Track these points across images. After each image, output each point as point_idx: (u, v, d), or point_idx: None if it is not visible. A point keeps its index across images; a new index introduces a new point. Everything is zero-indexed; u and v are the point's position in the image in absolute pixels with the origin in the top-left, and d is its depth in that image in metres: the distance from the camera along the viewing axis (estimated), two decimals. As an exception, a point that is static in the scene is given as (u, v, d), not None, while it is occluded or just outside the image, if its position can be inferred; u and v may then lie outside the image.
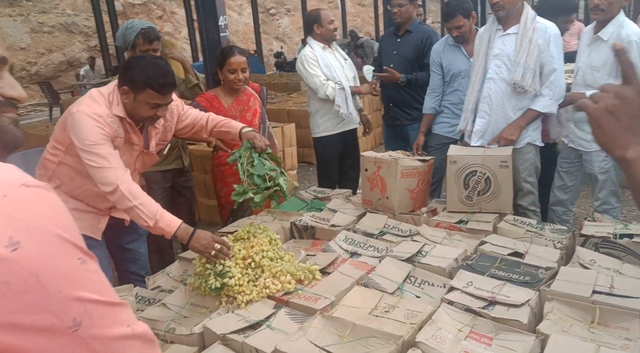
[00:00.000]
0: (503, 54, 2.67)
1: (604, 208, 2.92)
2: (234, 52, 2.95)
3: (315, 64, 3.53)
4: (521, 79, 2.59)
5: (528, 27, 2.61)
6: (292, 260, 1.96)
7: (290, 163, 5.15)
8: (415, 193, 2.57)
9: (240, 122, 2.96)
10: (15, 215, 0.57)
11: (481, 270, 1.91)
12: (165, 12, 21.68)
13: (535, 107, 2.64)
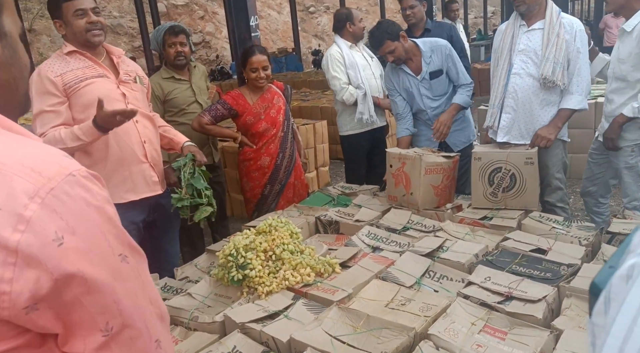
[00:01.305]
0: (529, 50, 2.64)
1: (634, 204, 2.85)
2: (254, 52, 3.03)
3: (339, 65, 3.57)
4: (552, 74, 2.55)
5: (554, 23, 2.58)
6: (313, 253, 2.01)
7: (322, 160, 5.20)
8: (439, 189, 2.57)
9: (265, 119, 3.06)
10: (61, 210, 0.59)
11: (501, 265, 1.91)
12: (207, 12, 22.11)
13: (569, 106, 2.59)
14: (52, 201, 0.59)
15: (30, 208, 0.57)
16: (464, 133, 3.23)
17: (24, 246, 0.56)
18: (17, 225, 0.57)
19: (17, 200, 0.57)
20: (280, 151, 3.16)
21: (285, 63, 14.22)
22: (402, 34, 3.01)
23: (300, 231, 2.08)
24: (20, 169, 0.59)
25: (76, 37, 2.22)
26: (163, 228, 2.56)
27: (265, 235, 1.98)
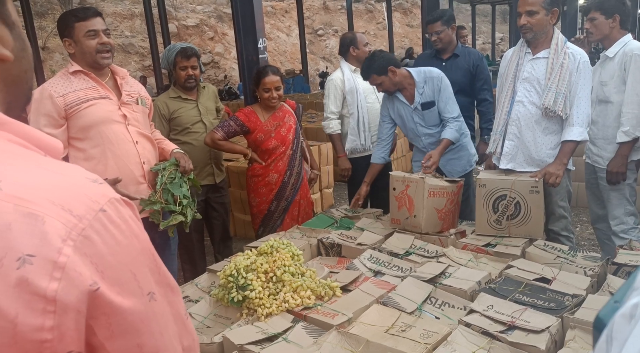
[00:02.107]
0: (532, 78, 2.65)
1: (622, 227, 2.96)
2: (267, 73, 3.09)
3: (336, 92, 3.59)
4: (553, 103, 2.56)
5: (559, 52, 2.59)
6: (314, 276, 1.99)
7: (327, 181, 5.20)
8: (443, 212, 2.56)
9: (275, 136, 3.10)
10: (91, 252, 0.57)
11: (504, 294, 1.88)
12: (216, 33, 22.45)
13: (571, 138, 2.59)
14: (83, 244, 0.56)
15: (65, 253, 0.55)
16: (459, 162, 3.21)
17: (62, 295, 0.54)
18: (52, 272, 0.54)
19: (51, 245, 0.54)
20: (288, 168, 3.20)
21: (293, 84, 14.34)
22: (390, 69, 3.02)
23: (301, 253, 2.07)
24: (51, 208, 0.56)
25: (85, 57, 2.25)
26: (160, 246, 2.55)
27: (266, 256, 1.97)
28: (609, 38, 3.00)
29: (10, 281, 0.53)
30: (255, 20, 3.50)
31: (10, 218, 0.54)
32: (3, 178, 0.56)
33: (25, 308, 0.53)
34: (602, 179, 3.03)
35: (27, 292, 0.53)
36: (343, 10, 26.08)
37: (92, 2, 19.45)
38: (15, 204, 0.55)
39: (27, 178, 0.58)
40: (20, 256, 0.53)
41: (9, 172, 0.57)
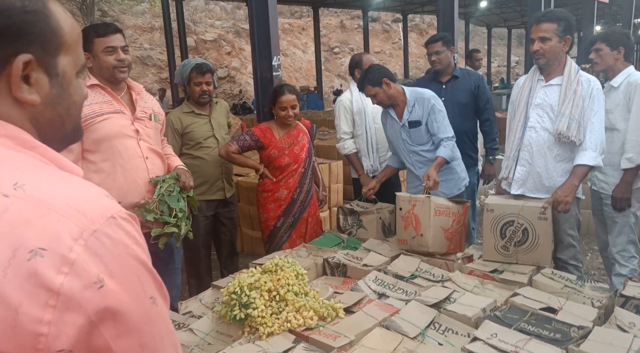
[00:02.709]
0: (545, 104, 2.66)
1: (622, 254, 3.00)
2: (284, 91, 3.14)
3: (345, 112, 3.62)
4: (566, 129, 2.56)
5: (572, 79, 2.60)
6: (317, 296, 1.99)
7: (336, 200, 5.20)
8: (450, 232, 2.55)
9: (289, 154, 3.14)
10: (101, 252, 0.61)
11: (509, 322, 1.86)
12: (234, 48, 22.76)
13: (584, 162, 2.57)
14: (95, 244, 0.60)
15: (75, 251, 0.59)
16: (447, 184, 3.22)
17: (66, 289, 0.58)
18: (61, 266, 0.58)
19: (63, 242, 0.59)
20: (299, 186, 3.23)
21: (307, 101, 14.45)
22: (385, 81, 3.08)
23: (306, 272, 2.07)
24: (67, 210, 0.61)
25: (102, 72, 2.30)
26: (165, 259, 2.56)
27: (270, 274, 1.97)
28: (613, 69, 3.10)
29: (20, 271, 0.57)
30: (270, 38, 3.56)
31: (29, 215, 0.59)
32: (27, 182, 0.62)
33: (30, 299, 0.56)
34: (607, 206, 3.08)
35: (34, 283, 0.57)
36: (359, 29, 26.35)
37: (113, 15, 19.88)
38: (35, 204, 0.60)
39: (49, 184, 0.64)
40: (32, 249, 0.57)
41: (33, 178, 0.63)
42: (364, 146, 3.61)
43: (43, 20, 0.71)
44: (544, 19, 2.61)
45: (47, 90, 0.72)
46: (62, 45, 0.73)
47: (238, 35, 23.52)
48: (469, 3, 18.88)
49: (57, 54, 0.73)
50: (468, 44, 21.44)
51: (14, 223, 0.58)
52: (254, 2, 3.55)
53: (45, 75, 0.72)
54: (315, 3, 16.49)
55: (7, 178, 0.62)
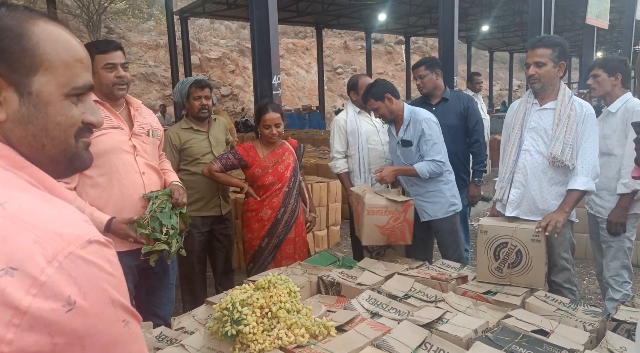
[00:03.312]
0: (539, 128, 2.69)
1: (616, 279, 3.03)
2: (268, 110, 3.14)
3: (341, 132, 3.68)
4: (560, 154, 2.60)
5: (566, 104, 2.64)
6: (310, 314, 1.99)
7: (334, 219, 5.22)
8: (386, 229, 2.82)
9: (272, 173, 3.14)
10: (75, 274, 0.60)
11: (500, 344, 1.86)
12: (237, 66, 22.99)
13: (577, 187, 2.60)
14: (69, 266, 0.60)
15: (46, 273, 0.59)
16: (433, 206, 3.25)
17: (34, 310, 0.57)
18: (30, 287, 0.58)
19: (35, 262, 0.59)
20: (282, 205, 3.20)
21: (308, 120, 14.57)
22: (387, 96, 3.18)
23: (299, 290, 2.07)
24: (44, 231, 0.61)
25: (102, 88, 2.33)
26: (159, 275, 2.57)
27: (263, 291, 1.98)
28: (611, 95, 3.16)
29: None
30: (271, 58, 3.61)
31: (5, 233, 0.59)
32: (9, 200, 0.63)
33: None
34: (603, 230, 3.11)
35: (1, 301, 0.56)
36: (363, 50, 26.63)
37: (119, 32, 20.15)
38: (13, 222, 0.60)
39: (30, 204, 0.64)
40: (4, 268, 0.57)
41: (15, 197, 0.64)
42: (356, 167, 3.66)
43: (13, 39, 0.71)
44: (539, 44, 2.65)
45: (15, 108, 0.72)
46: (39, 65, 0.73)
47: (242, 54, 23.78)
48: (471, 27, 19.12)
49: (30, 73, 0.72)
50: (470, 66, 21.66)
51: None
52: (256, 22, 3.61)
53: (15, 93, 0.72)
54: (319, 24, 16.71)
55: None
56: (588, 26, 9.85)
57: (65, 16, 16.88)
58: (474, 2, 15.49)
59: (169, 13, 12.84)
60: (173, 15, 12.99)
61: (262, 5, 3.53)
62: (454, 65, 5.32)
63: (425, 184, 3.25)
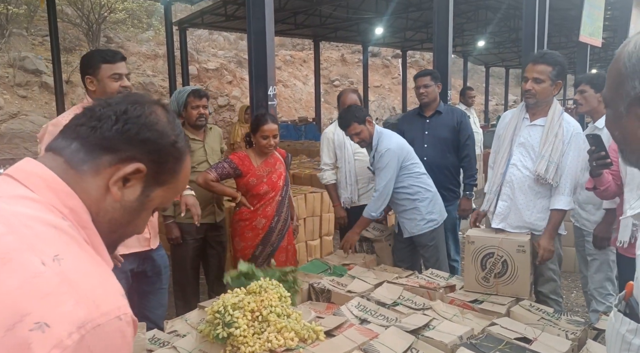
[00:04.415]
0: (528, 144, 2.74)
1: (600, 291, 3.09)
2: (267, 120, 3.17)
3: (330, 144, 3.78)
4: (544, 171, 2.64)
5: (555, 122, 2.68)
6: (299, 318, 2.04)
7: (327, 229, 5.26)
8: None
9: (267, 182, 3.19)
10: (93, 348, 0.63)
11: (484, 350, 1.91)
12: (235, 77, 23.09)
13: (559, 207, 2.69)
14: (91, 338, 0.63)
15: (72, 338, 0.61)
16: (410, 223, 3.30)
17: None
18: (53, 348, 0.60)
19: (66, 325, 0.62)
20: (276, 214, 3.25)
21: (305, 132, 14.65)
22: (368, 119, 3.21)
23: (289, 295, 2.12)
24: (85, 297, 0.65)
25: (105, 96, 2.39)
26: (151, 279, 2.61)
27: (254, 296, 2.02)
28: (597, 111, 3.20)
29: (16, 338, 0.59)
30: (267, 69, 3.68)
31: (51, 290, 0.63)
32: (65, 257, 0.68)
33: None
34: (588, 243, 3.18)
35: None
36: (359, 63, 26.81)
37: (118, 41, 20.24)
38: (61, 280, 0.65)
39: (82, 266, 0.69)
40: (39, 322, 0.61)
41: (71, 254, 0.69)
42: (342, 179, 3.75)
43: (176, 160, 0.88)
44: (541, 61, 2.65)
45: (131, 198, 0.84)
46: (169, 183, 0.88)
47: (240, 65, 23.90)
48: (468, 42, 19.33)
49: (160, 184, 0.87)
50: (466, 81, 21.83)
51: (36, 290, 0.62)
52: (253, 34, 3.69)
53: (140, 189, 0.84)
54: (317, 37, 16.87)
55: (53, 248, 0.68)
56: (582, 44, 9.98)
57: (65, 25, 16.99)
58: (470, 18, 15.68)
59: (168, 24, 12.95)
60: (172, 26, 13.10)
61: (260, 17, 3.60)
62: (448, 79, 5.40)
63: (401, 202, 3.29)
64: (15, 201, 0.72)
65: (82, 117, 0.84)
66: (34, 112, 14.52)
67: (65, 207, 0.76)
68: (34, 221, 0.70)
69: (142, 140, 0.82)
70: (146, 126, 0.83)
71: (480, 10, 15.38)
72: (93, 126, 0.82)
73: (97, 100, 0.88)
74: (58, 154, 0.81)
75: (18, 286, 0.62)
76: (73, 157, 0.80)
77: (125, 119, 0.82)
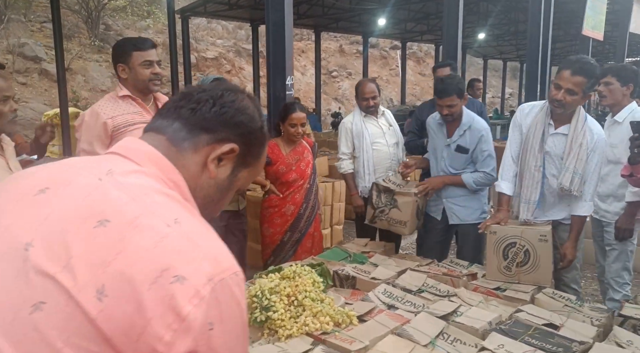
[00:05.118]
0: (553, 153, 2.69)
1: (617, 280, 3.13)
2: (295, 109, 3.25)
3: (348, 134, 3.78)
4: (569, 184, 2.61)
5: (579, 131, 2.61)
6: (332, 303, 2.08)
7: (338, 218, 5.31)
8: None
9: (296, 170, 3.25)
10: (221, 299, 0.68)
11: (514, 335, 1.96)
12: (234, 67, 23.02)
13: (582, 213, 2.69)
14: (218, 290, 0.68)
15: (206, 289, 0.67)
16: (464, 211, 3.26)
17: (191, 319, 0.65)
18: (192, 297, 0.66)
19: (200, 278, 0.67)
20: (305, 201, 3.32)
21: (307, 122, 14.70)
22: (465, 96, 3.17)
23: (322, 280, 2.16)
24: (207, 253, 0.71)
25: (137, 83, 2.42)
26: None
27: (289, 281, 2.06)
28: (620, 104, 3.16)
29: (162, 291, 0.65)
30: (285, 60, 3.70)
31: (181, 247, 0.69)
32: (183, 220, 0.73)
33: (159, 317, 0.64)
34: (607, 233, 3.20)
35: (168, 305, 0.65)
36: (358, 54, 26.77)
37: (117, 29, 20.10)
38: (187, 239, 0.70)
39: (197, 227, 0.75)
40: (177, 275, 0.66)
41: (188, 219, 0.74)
42: (360, 168, 3.76)
43: (260, 144, 0.95)
44: (580, 72, 2.47)
45: (222, 177, 0.90)
46: (252, 165, 0.94)
47: (238, 54, 23.82)
48: (467, 34, 19.32)
49: (246, 166, 0.93)
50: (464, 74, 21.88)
51: (169, 248, 0.68)
52: (271, 24, 3.70)
53: (230, 169, 0.90)
54: (318, 27, 16.82)
55: (171, 213, 0.73)
56: (584, 37, 10.02)
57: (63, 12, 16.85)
58: (470, 10, 15.67)
59: (170, 12, 12.87)
60: (174, 14, 13.02)
61: (279, 9, 3.62)
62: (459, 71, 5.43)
63: (461, 187, 3.22)
64: (129, 174, 0.78)
65: (180, 100, 0.89)
66: (34, 99, 14.43)
67: (169, 180, 0.81)
68: (149, 190, 0.76)
69: (236, 123, 0.88)
70: (239, 110, 0.89)
71: (482, 2, 15.39)
72: (192, 108, 0.87)
73: (191, 86, 0.94)
74: (160, 133, 0.87)
75: (153, 245, 0.67)
76: (175, 135, 0.86)
77: (221, 103, 0.88)
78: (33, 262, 0.65)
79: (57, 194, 0.73)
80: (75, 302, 0.63)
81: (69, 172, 0.77)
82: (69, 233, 0.67)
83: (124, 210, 0.70)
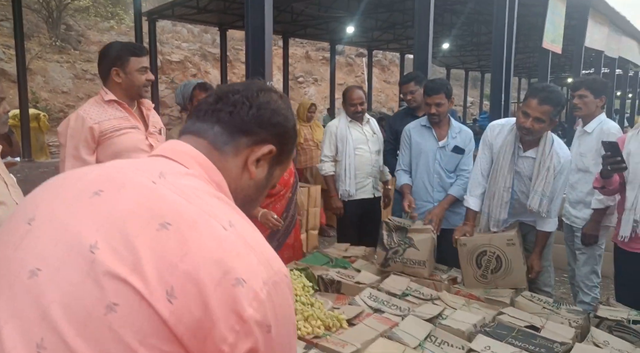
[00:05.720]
0: (522, 174, 2.76)
1: (586, 283, 3.27)
2: None
3: (332, 137, 3.87)
4: (537, 206, 2.69)
5: (547, 155, 2.67)
6: (322, 307, 2.09)
7: (313, 223, 5.33)
8: None
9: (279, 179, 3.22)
10: (276, 302, 0.70)
11: (499, 337, 2.02)
12: (199, 71, 22.75)
13: (548, 230, 2.80)
14: (274, 293, 0.70)
15: (263, 292, 0.69)
16: (455, 217, 3.30)
17: (252, 321, 0.67)
18: (252, 300, 0.67)
19: (257, 281, 0.69)
20: (285, 210, 3.30)
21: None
22: (452, 100, 3.29)
23: (311, 285, 2.18)
24: (261, 256, 0.72)
25: (131, 89, 2.38)
26: None
27: (280, 285, 2.06)
28: (592, 116, 3.32)
29: (225, 293, 0.66)
30: (265, 65, 3.71)
31: (239, 250, 0.71)
32: (237, 223, 0.74)
33: (224, 319, 0.66)
34: (577, 238, 3.35)
35: (231, 307, 0.66)
36: (324, 60, 26.93)
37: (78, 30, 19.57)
38: (243, 242, 0.72)
39: (249, 230, 0.76)
40: (237, 277, 0.68)
41: (240, 222, 0.76)
42: (342, 172, 3.83)
43: (293, 142, 0.98)
44: (547, 102, 2.52)
45: (261, 177, 0.92)
46: (284, 163, 0.97)
47: (204, 58, 23.57)
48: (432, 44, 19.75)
49: (279, 164, 0.96)
50: (428, 83, 22.30)
51: (228, 251, 0.69)
52: (251, 29, 3.70)
53: (267, 168, 0.93)
54: (286, 33, 16.86)
55: (224, 215, 0.75)
56: (543, 50, 10.40)
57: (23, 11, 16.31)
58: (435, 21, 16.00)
59: (137, 14, 12.65)
60: (141, 16, 12.81)
61: (259, 14, 3.62)
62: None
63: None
64: (181, 176, 0.79)
65: (217, 103, 0.90)
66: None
67: (214, 182, 0.83)
68: (201, 192, 0.77)
69: (272, 124, 0.91)
70: (275, 111, 0.91)
71: (446, 13, 15.77)
72: (230, 111, 0.88)
73: (223, 87, 0.94)
74: (200, 136, 0.88)
75: (215, 248, 0.69)
76: (216, 139, 0.87)
77: (258, 105, 0.90)
78: (101, 264, 0.65)
79: (112, 196, 0.73)
80: (147, 304, 0.64)
81: (120, 174, 0.77)
82: (132, 236, 0.67)
83: (183, 213, 0.71)
